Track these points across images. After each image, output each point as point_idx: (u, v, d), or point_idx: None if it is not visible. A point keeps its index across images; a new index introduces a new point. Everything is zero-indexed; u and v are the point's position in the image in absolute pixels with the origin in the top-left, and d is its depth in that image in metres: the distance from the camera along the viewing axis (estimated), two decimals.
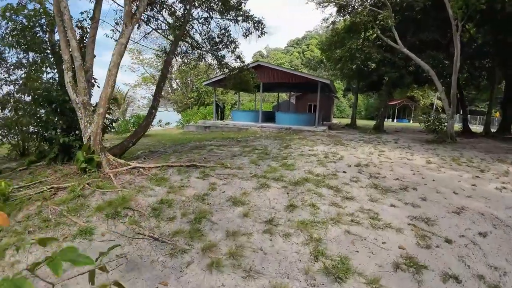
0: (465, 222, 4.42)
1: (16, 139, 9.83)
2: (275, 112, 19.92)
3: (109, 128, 9.53)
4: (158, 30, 10.61)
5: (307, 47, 65.31)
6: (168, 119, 26.79)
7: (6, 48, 9.15)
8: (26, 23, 8.73)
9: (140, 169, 6.78)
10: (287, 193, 4.94)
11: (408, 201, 4.89)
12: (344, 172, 6.56)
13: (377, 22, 16.20)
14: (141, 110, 26.59)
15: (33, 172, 7.47)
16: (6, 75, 9.85)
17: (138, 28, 9.87)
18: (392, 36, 15.77)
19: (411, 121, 39.97)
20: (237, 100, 27.66)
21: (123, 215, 4.38)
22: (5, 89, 9.93)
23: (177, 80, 31.58)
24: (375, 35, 19.05)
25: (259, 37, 10.67)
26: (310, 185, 5.39)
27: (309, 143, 11.31)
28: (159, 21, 10.12)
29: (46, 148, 8.84)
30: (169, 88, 30.69)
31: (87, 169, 6.73)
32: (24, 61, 9.61)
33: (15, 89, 9.69)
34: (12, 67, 9.83)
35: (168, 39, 11.80)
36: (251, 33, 10.72)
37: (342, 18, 20.03)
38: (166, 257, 3.22)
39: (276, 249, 3.26)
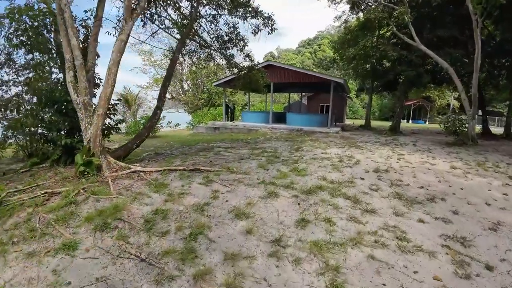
0: (504, 241, 3.72)
1: (24, 140, 9.56)
2: (286, 113, 19.23)
3: (115, 130, 9.11)
4: (165, 29, 10.15)
5: (319, 47, 64.18)
6: (178, 120, 26.53)
7: (15, 49, 8.91)
8: (30, 23, 8.42)
9: (141, 173, 6.30)
10: (298, 204, 4.31)
11: (438, 215, 4.18)
12: (362, 178, 5.87)
13: (392, 19, 15.35)
14: (152, 111, 26.41)
15: (34, 175, 7.14)
16: (15, 76, 9.64)
17: (143, 26, 9.44)
18: (409, 33, 14.91)
19: (427, 122, 38.47)
20: (248, 101, 27.10)
21: (113, 227, 3.87)
22: (14, 90, 9.74)
23: (188, 82, 31.30)
24: (389, 32, 18.18)
25: (268, 33, 10.07)
26: (324, 194, 4.74)
27: (321, 145, 10.62)
28: (164, 19, 9.65)
29: (50, 149, 8.52)
30: (180, 90, 30.43)
31: (86, 173, 6.32)
32: (32, 62, 9.36)
33: (24, 90, 9.48)
34: (21, 68, 9.61)
35: (176, 38, 11.35)
36: (260, 30, 10.12)
37: (355, 16, 19.23)
38: (151, 284, 2.66)
39: (283, 279, 2.64)
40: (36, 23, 8.58)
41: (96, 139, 6.56)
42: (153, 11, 9.01)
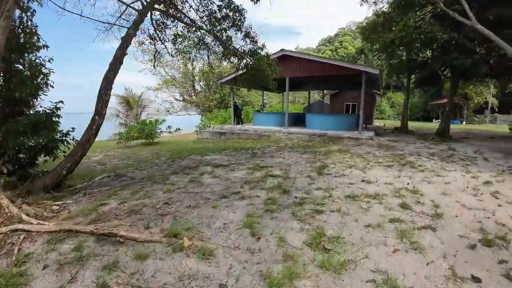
0: None
1: None
2: (305, 114, 15.60)
3: (62, 143, 6.00)
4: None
5: (340, 44, 59.39)
6: (189, 124, 23.71)
7: None
8: None
9: (21, 236, 3.20)
10: None
11: None
12: (477, 279, 2.31)
13: None
14: (161, 115, 23.56)
15: None
16: None
17: None
18: (459, 10, 11.02)
19: (464, 122, 33.26)
20: (262, 101, 23.61)
21: None
22: None
23: (201, 83, 28.42)
24: (429, 14, 14.09)
25: None
26: None
27: (356, 161, 7.04)
28: None
29: None
30: (192, 91, 27.55)
31: None
32: None
33: None
34: None
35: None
36: None
37: None
38: None
39: None
40: None
41: None
42: None
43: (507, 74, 14.14)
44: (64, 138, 5.94)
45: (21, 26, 5.15)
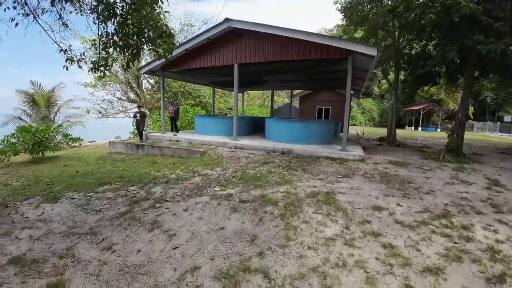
0: None
1: None
2: (265, 119, 10.69)
3: None
4: None
5: None
6: (127, 128, 18.11)
7: None
8: None
9: None
10: None
11: None
12: None
13: None
14: (85, 117, 17.30)
15: None
16: None
17: None
18: None
19: (438, 130, 30.44)
20: (214, 100, 18.37)
21: None
22: None
23: (152, 80, 22.80)
24: None
25: None
26: None
27: (367, 267, 2.28)
28: None
29: None
30: (137, 88, 21.83)
31: None
32: None
33: None
34: None
35: None
36: None
37: None
38: None
39: None
40: None
41: None
42: None
43: None
44: None
45: None
